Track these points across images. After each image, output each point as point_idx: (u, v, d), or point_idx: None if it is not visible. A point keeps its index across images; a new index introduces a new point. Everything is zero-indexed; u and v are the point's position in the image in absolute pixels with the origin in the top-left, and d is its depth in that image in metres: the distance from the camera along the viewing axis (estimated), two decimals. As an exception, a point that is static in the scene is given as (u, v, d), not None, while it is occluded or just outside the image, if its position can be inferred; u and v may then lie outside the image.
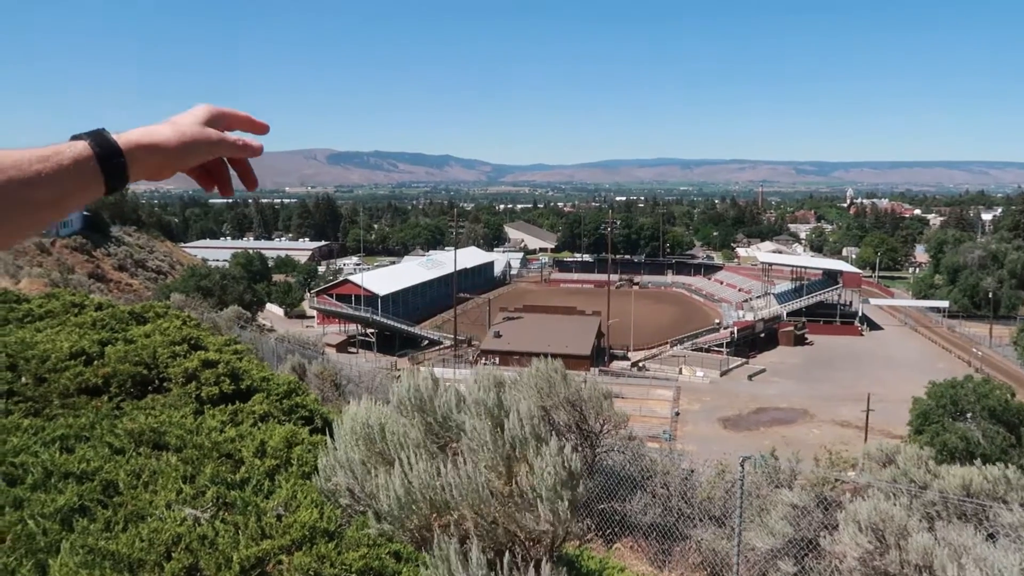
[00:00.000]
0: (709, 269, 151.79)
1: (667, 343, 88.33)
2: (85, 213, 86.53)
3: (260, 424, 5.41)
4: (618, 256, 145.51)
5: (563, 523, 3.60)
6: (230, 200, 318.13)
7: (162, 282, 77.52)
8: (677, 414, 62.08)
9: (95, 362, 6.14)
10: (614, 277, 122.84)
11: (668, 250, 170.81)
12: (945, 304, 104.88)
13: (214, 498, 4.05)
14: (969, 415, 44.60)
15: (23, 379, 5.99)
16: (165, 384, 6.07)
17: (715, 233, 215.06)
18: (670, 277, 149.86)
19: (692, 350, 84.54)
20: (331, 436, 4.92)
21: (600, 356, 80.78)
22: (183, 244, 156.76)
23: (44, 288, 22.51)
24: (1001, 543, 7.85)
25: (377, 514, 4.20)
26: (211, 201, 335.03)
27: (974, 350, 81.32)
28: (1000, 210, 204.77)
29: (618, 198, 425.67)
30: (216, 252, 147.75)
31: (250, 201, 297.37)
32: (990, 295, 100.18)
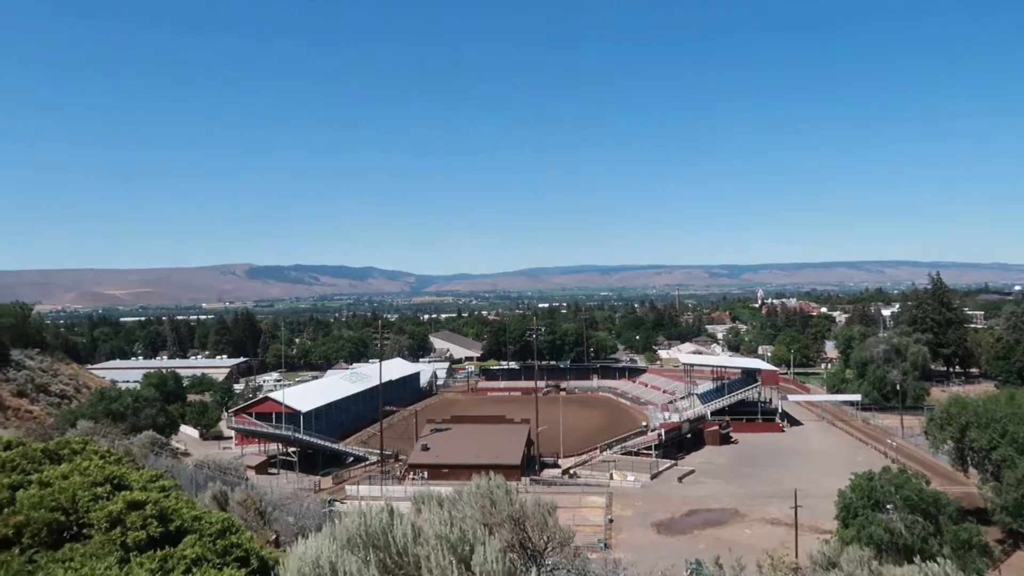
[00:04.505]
0: (633, 372, 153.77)
1: (597, 448, 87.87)
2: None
3: (193, 570, 4.99)
4: (544, 362, 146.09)
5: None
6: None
7: (66, 407, 73.03)
8: (611, 521, 61.12)
9: (5, 510, 5.59)
10: (541, 383, 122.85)
11: (592, 354, 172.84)
12: (857, 397, 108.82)
13: (148, 664, 3.65)
14: (889, 506, 45.56)
15: (-80, 533, 5.40)
16: (85, 531, 5.56)
17: (637, 336, 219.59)
18: (596, 381, 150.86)
19: (622, 454, 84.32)
20: (273, 580, 4.57)
21: (531, 465, 79.56)
22: (90, 366, 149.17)
23: (-64, 421, 20.78)
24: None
25: (331, 668, 3.87)
26: (123, 320, 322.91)
27: (888, 441, 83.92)
28: (898, 306, 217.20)
29: (541, 305, 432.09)
30: (127, 373, 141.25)
31: (164, 319, 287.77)
32: (897, 387, 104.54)
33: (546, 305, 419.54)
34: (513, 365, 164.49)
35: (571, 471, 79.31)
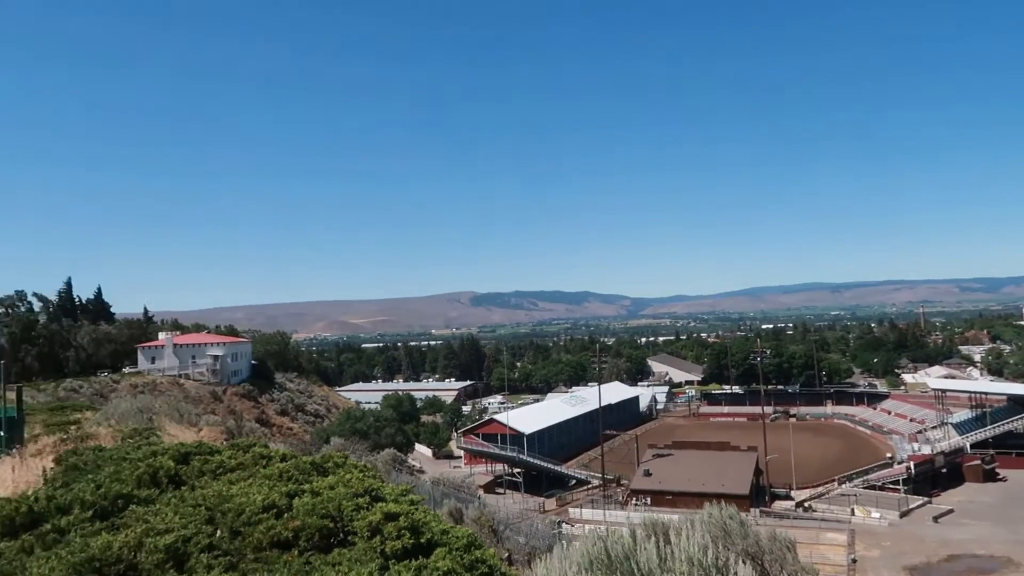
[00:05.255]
0: (873, 398, 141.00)
1: (834, 480, 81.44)
2: (254, 362, 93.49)
3: (445, 582, 5.29)
4: (770, 387, 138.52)
5: None
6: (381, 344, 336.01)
7: (319, 425, 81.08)
8: (854, 561, 56.10)
9: (284, 515, 6.31)
10: (768, 409, 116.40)
11: (824, 379, 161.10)
12: None
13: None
14: None
15: (220, 532, 6.22)
16: (349, 538, 6.12)
17: (875, 359, 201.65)
18: (830, 407, 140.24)
19: (863, 488, 77.38)
20: (518, 596, 4.69)
21: (759, 495, 75.43)
22: (338, 388, 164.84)
23: (220, 436, 24.01)
24: None
25: None
26: (364, 346, 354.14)
27: None
28: None
29: (764, 326, 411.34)
30: (368, 395, 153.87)
31: (399, 345, 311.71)
32: None
33: (770, 326, 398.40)
34: (736, 389, 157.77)
35: (805, 504, 74.15)
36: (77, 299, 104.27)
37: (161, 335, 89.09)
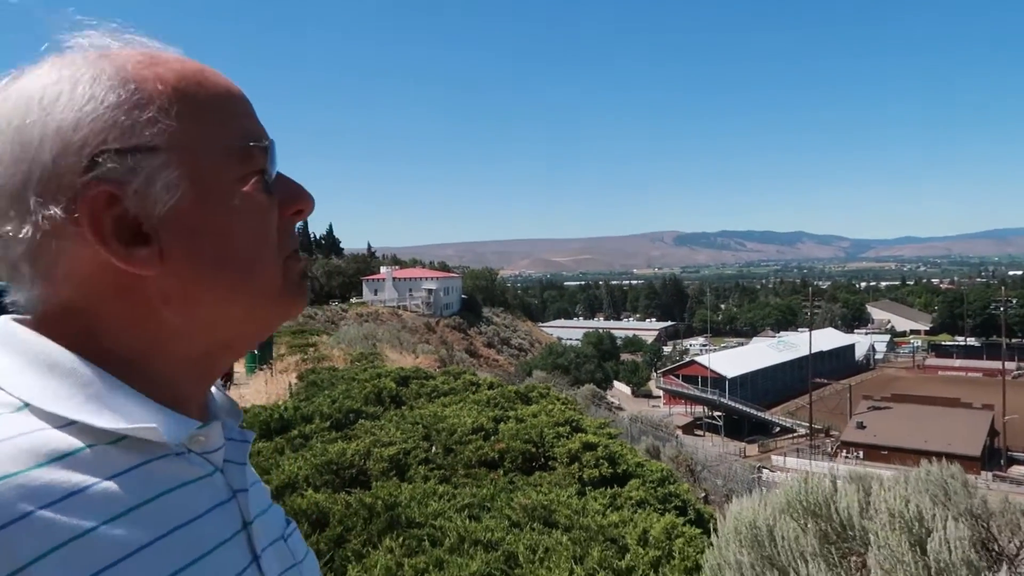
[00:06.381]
0: None
1: (1089, 448, 71.88)
2: (463, 296, 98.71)
3: (638, 510, 5.50)
4: (1014, 340, 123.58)
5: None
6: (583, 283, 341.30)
7: (523, 359, 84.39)
8: (1109, 540, 49.61)
9: (491, 438, 6.83)
10: (1010, 365, 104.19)
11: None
12: None
13: (604, 583, 4.16)
14: None
15: (434, 449, 6.87)
16: (550, 463, 6.52)
17: None
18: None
19: None
20: (710, 533, 4.79)
21: (993, 458, 68.49)
22: (541, 324, 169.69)
23: (434, 363, 25.91)
24: None
25: (770, 626, 3.95)
26: (565, 283, 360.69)
27: None
28: None
29: (1011, 272, 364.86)
30: (569, 331, 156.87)
31: (600, 283, 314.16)
32: None
33: (1018, 272, 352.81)
34: (972, 341, 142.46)
35: (1050, 472, 66.31)
36: (312, 235, 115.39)
37: (382, 269, 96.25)
